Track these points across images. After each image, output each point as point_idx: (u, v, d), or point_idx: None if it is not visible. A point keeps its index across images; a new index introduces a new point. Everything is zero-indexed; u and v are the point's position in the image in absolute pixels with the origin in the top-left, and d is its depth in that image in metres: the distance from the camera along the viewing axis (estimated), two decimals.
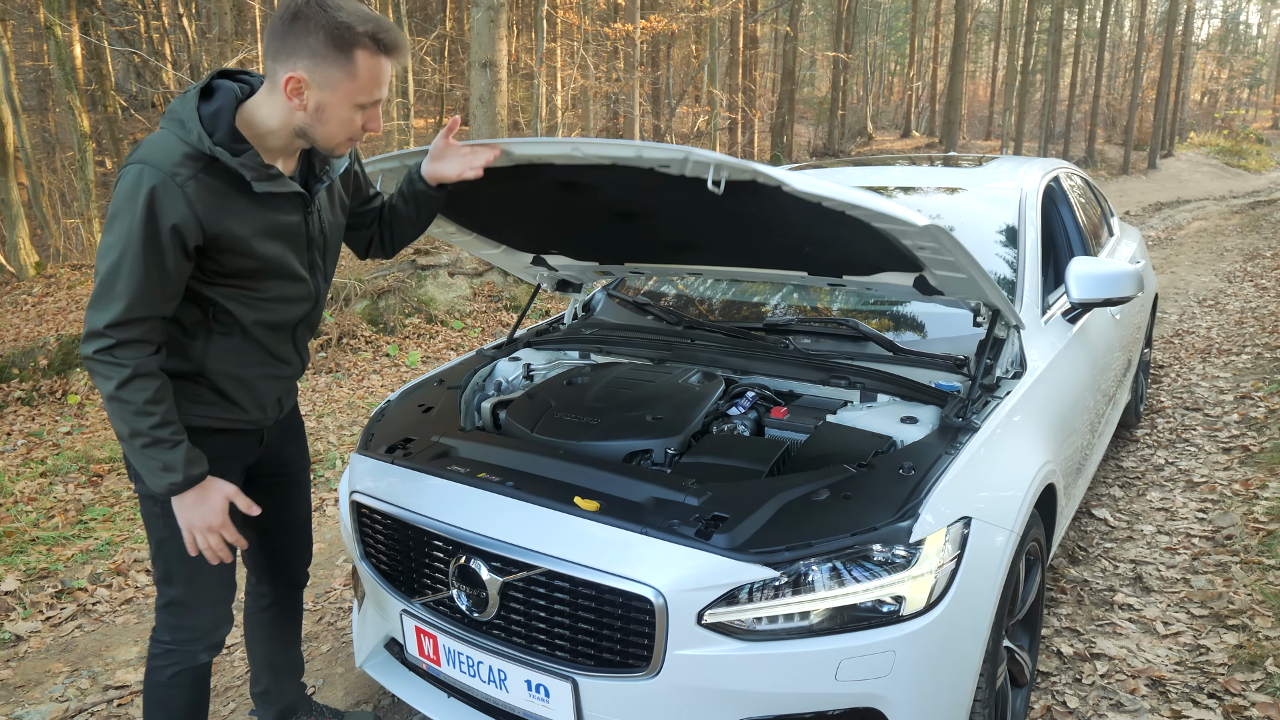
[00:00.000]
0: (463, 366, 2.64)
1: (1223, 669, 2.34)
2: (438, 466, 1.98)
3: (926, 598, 1.58)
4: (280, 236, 1.56)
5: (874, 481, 1.71)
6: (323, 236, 1.68)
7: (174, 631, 1.68)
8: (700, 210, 1.89)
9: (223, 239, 1.46)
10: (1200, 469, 3.70)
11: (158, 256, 1.39)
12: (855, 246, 1.92)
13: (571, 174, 1.86)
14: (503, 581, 1.73)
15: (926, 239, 1.71)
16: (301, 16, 1.39)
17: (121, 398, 1.42)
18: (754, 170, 1.51)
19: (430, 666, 1.93)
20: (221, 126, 1.44)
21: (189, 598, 1.66)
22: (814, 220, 1.76)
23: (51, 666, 2.69)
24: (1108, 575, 2.92)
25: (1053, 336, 2.47)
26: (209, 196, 1.42)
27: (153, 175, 1.37)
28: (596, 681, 1.64)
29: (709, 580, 1.56)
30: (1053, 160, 3.51)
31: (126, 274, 1.38)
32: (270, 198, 1.53)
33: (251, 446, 1.75)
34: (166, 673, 1.69)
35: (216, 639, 1.73)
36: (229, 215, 1.46)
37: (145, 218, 1.37)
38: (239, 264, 1.51)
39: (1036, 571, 2.12)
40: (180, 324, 1.54)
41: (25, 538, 3.58)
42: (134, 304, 1.40)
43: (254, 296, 1.57)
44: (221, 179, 1.44)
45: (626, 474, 1.81)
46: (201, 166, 1.42)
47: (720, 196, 1.61)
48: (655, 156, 1.61)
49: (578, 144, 1.65)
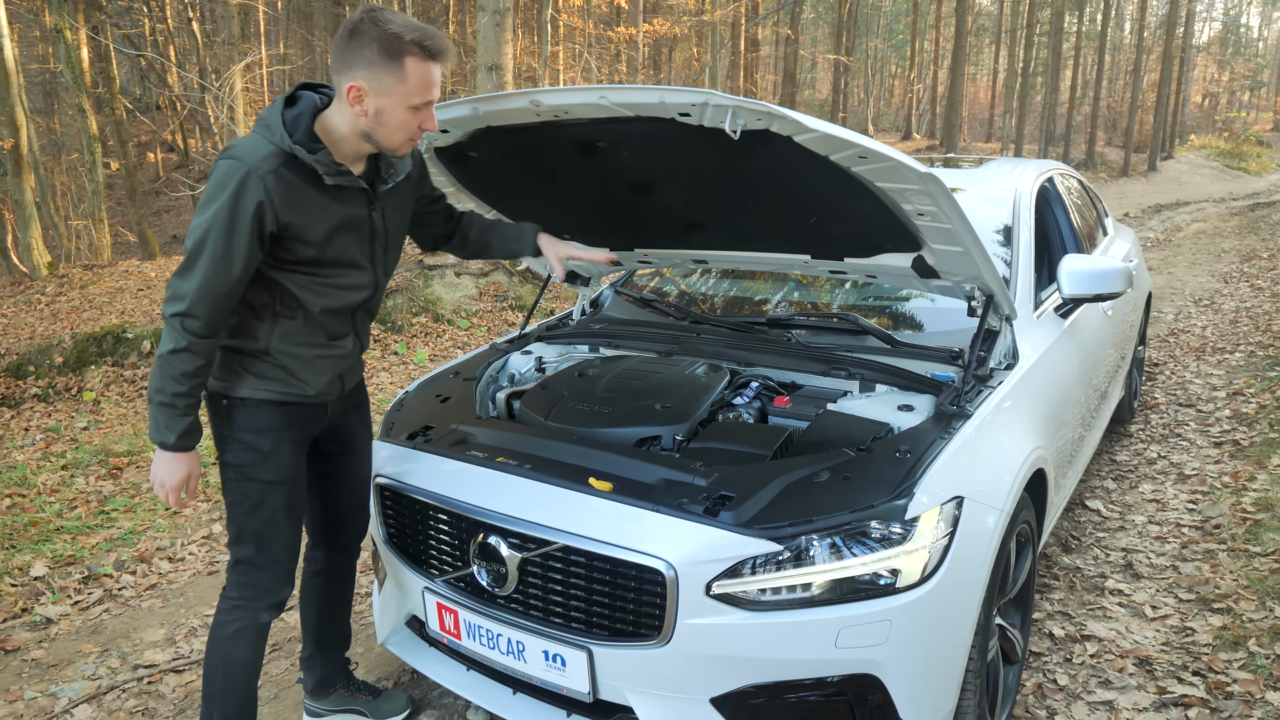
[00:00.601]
0: (477, 360, 2.75)
1: (1207, 649, 2.44)
2: (458, 451, 2.08)
3: (921, 571, 1.68)
4: (346, 228, 1.73)
5: (872, 464, 1.82)
6: (385, 232, 1.84)
7: (241, 589, 1.84)
8: (713, 174, 2.00)
9: (294, 227, 1.64)
10: (1192, 462, 3.80)
11: (236, 237, 1.59)
12: (858, 216, 2.02)
13: (593, 132, 1.95)
14: (521, 558, 1.83)
15: (925, 200, 1.81)
16: (357, 32, 1.58)
17: (168, 360, 1.63)
18: (768, 110, 1.61)
19: (451, 641, 2.03)
20: (301, 129, 1.64)
21: (256, 557, 1.82)
22: (820, 182, 1.87)
23: (82, 647, 2.79)
24: (1099, 563, 3.02)
25: (1045, 330, 2.58)
26: (286, 189, 1.61)
27: (240, 168, 1.57)
28: (611, 650, 1.75)
29: (717, 554, 1.66)
30: (1048, 162, 3.61)
31: (209, 249, 1.59)
32: (340, 192, 1.70)
33: (315, 419, 1.89)
34: (231, 628, 1.84)
35: (278, 599, 1.86)
36: (302, 206, 1.64)
37: (231, 203, 1.57)
38: (306, 252, 1.68)
39: (1028, 554, 2.22)
40: (251, 307, 1.72)
41: (50, 527, 3.68)
42: (208, 281, 1.60)
43: (318, 283, 1.74)
44: (298, 174, 1.64)
45: (637, 457, 1.92)
46: (282, 162, 1.61)
47: (733, 154, 1.71)
48: (677, 101, 1.71)
49: (605, 92, 1.76)
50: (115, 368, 6.33)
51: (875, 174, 1.78)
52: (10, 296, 8.44)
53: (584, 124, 1.93)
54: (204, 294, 1.60)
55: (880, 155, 1.69)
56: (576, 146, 2.06)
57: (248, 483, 1.78)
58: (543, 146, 2.10)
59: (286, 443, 1.80)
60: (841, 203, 1.96)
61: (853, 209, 1.97)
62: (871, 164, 1.74)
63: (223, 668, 1.85)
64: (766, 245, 2.39)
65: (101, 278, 8.68)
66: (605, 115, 1.85)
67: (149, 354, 6.42)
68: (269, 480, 1.79)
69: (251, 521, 1.80)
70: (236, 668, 1.85)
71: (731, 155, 1.86)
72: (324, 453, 2.01)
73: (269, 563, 1.83)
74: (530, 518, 1.82)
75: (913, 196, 1.84)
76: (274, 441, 1.78)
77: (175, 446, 1.69)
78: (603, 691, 1.80)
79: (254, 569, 1.83)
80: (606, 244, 2.67)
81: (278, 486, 1.80)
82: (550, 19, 12.36)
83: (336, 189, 1.69)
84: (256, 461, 1.77)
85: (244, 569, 1.84)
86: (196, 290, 1.60)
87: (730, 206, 2.20)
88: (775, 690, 1.69)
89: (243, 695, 1.87)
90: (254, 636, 1.86)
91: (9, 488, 4.11)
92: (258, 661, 1.89)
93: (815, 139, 1.68)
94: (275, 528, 1.81)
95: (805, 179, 1.89)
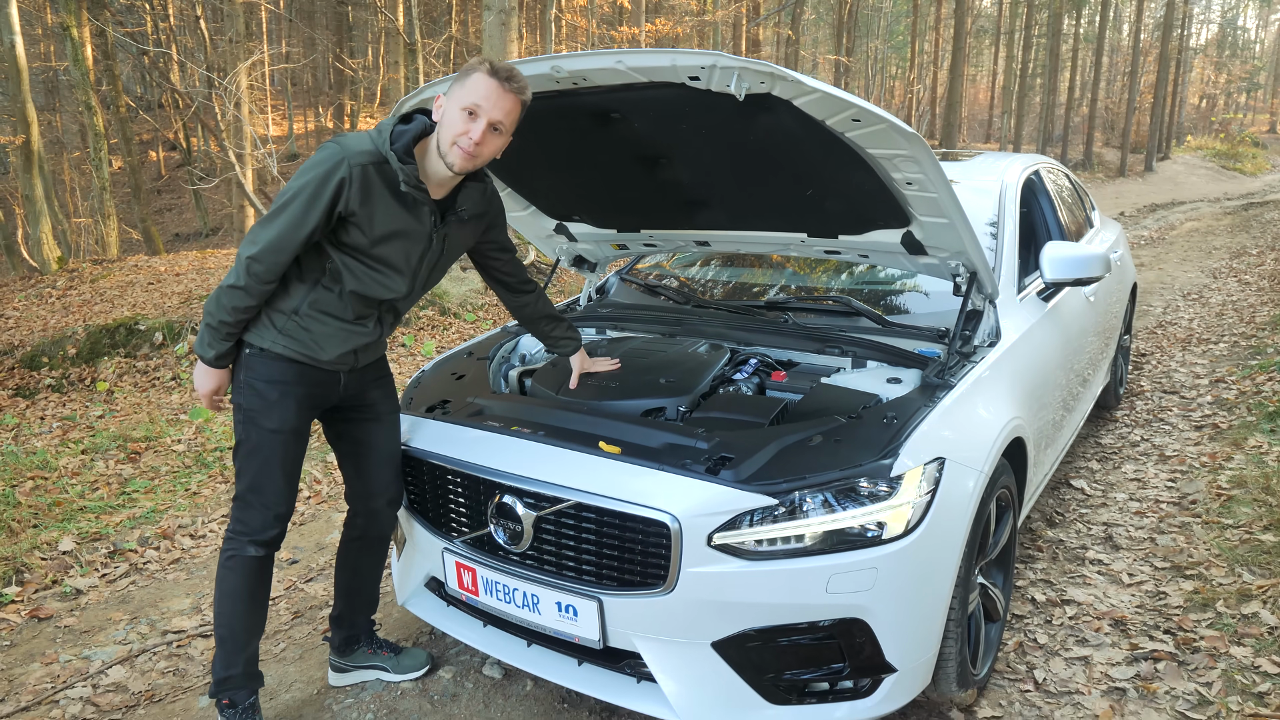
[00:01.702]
0: (489, 341, 2.90)
1: (1178, 610, 2.59)
2: (475, 421, 2.23)
3: (905, 525, 1.83)
4: (403, 236, 1.95)
5: (861, 429, 1.96)
6: (439, 252, 2.05)
7: (235, 523, 2.05)
8: (718, 145, 2.15)
9: (359, 216, 1.87)
10: (1173, 444, 3.95)
11: (315, 206, 1.83)
12: (851, 188, 2.17)
13: (608, 101, 2.10)
14: (536, 515, 1.98)
15: (913, 167, 1.96)
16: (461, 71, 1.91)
17: (227, 291, 1.90)
18: (771, 71, 1.76)
19: (469, 598, 2.18)
20: (402, 143, 1.88)
21: (248, 495, 2.02)
22: (817, 151, 2.02)
23: (112, 615, 2.94)
24: (1081, 536, 3.17)
25: (1026, 312, 2.72)
26: (367, 183, 1.85)
27: (340, 153, 1.83)
28: (619, 600, 1.89)
29: (717, 508, 1.81)
30: (1035, 156, 3.76)
31: (291, 209, 1.83)
32: (412, 204, 1.93)
33: (329, 388, 2.05)
34: (225, 554, 2.06)
35: (264, 538, 2.04)
36: (374, 203, 1.88)
37: (321, 178, 1.82)
38: (359, 240, 1.90)
39: (1008, 518, 2.37)
40: (300, 271, 1.93)
41: (74, 507, 3.83)
42: (275, 234, 1.83)
43: (361, 269, 1.94)
44: (382, 176, 1.87)
45: (643, 425, 2.06)
46: (373, 161, 1.85)
47: (737, 122, 1.87)
48: (688, 63, 1.85)
49: (621, 56, 1.91)
50: (128, 359, 6.47)
51: (868, 139, 1.92)
52: (21, 290, 8.57)
53: (600, 93, 2.07)
54: (274, 245, 1.84)
55: (874, 116, 1.83)
56: (592, 118, 2.20)
57: (250, 426, 1.98)
58: (561, 118, 2.24)
59: (291, 399, 1.99)
60: (836, 173, 2.11)
61: (847, 180, 2.12)
62: (865, 127, 1.88)
63: (219, 590, 2.07)
64: (765, 223, 2.53)
65: (111, 272, 8.81)
66: (620, 82, 1.99)
67: (160, 345, 6.56)
68: (268, 428, 1.97)
69: (249, 463, 2.01)
70: (226, 592, 2.05)
71: (736, 123, 2.00)
72: (351, 422, 2.18)
73: (260, 504, 2.02)
74: (544, 478, 1.97)
75: (901, 164, 1.98)
76: (280, 393, 1.97)
77: (211, 362, 1.97)
78: (612, 639, 1.94)
79: (246, 506, 2.03)
80: (615, 225, 2.83)
81: (276, 435, 1.98)
82: (554, 18, 12.50)
83: (411, 200, 1.92)
84: (262, 408, 1.97)
85: (239, 505, 2.04)
86: (270, 239, 1.83)
87: (733, 181, 2.35)
88: (772, 634, 1.83)
89: (236, 618, 2.06)
90: (242, 566, 2.04)
91: (31, 471, 4.25)
92: (247, 590, 2.06)
93: (815, 100, 1.81)
94: (268, 473, 2.00)
95: (803, 148, 2.03)
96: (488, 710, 2.28)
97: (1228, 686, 2.22)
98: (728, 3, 15.86)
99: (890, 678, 1.87)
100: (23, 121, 9.44)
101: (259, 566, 2.06)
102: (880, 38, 35.23)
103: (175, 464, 4.38)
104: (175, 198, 21.83)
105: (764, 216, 2.51)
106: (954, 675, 2.05)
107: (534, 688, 2.36)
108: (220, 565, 2.07)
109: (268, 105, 13.49)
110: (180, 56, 12.52)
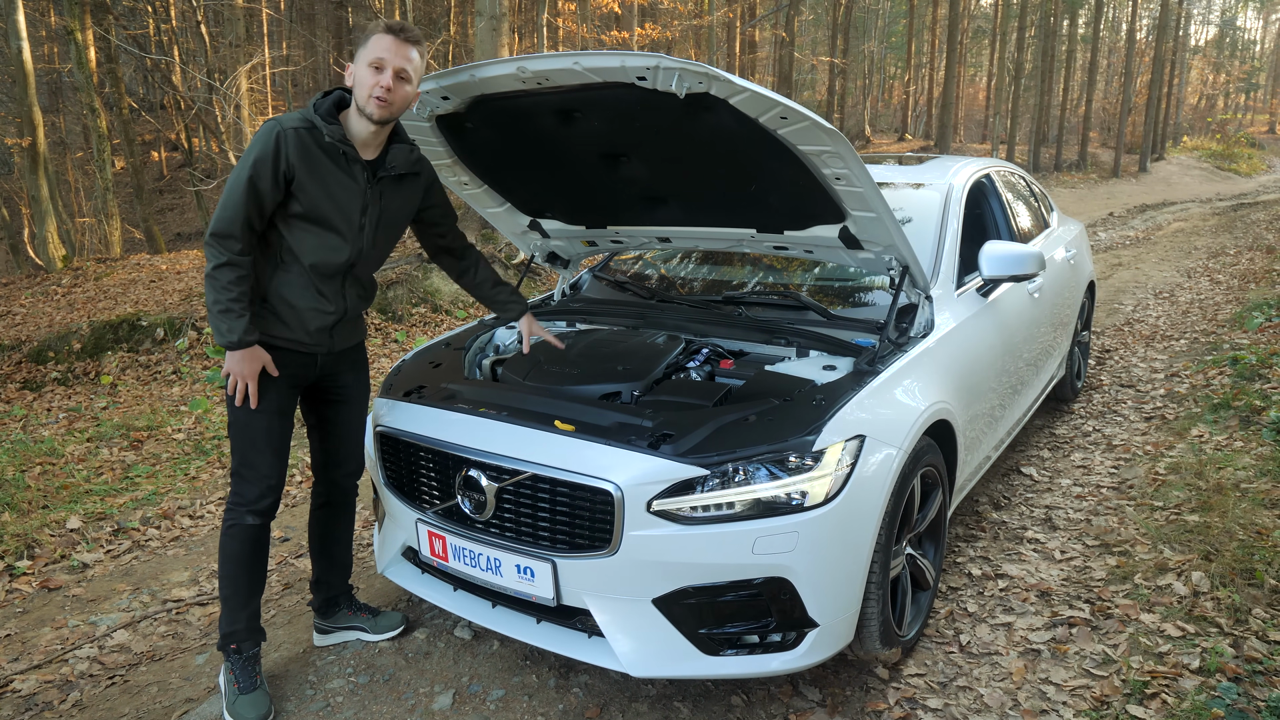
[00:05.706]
0: (466, 333, 3.11)
1: (1100, 582, 2.80)
2: (447, 404, 2.44)
3: (825, 494, 2.04)
4: (339, 192, 2.15)
5: (792, 409, 2.18)
6: (378, 210, 2.23)
7: (234, 495, 2.26)
8: (669, 142, 2.37)
9: (298, 172, 2.08)
10: (1121, 434, 4.16)
11: (260, 169, 2.05)
12: (789, 185, 2.37)
13: (570, 100, 2.30)
14: (498, 487, 2.19)
15: (839, 164, 2.17)
16: None
17: (214, 276, 2.06)
18: (707, 71, 1.98)
19: (440, 563, 2.39)
20: (324, 109, 2.13)
21: (241, 469, 2.24)
22: (754, 149, 2.23)
23: (116, 586, 3.16)
24: (1023, 518, 3.38)
25: (963, 306, 2.93)
26: (301, 144, 2.09)
27: (275, 124, 2.08)
28: (571, 561, 2.11)
29: (655, 477, 2.02)
30: (989, 159, 3.97)
31: (238, 178, 2.05)
32: (344, 162, 2.14)
33: (306, 368, 2.28)
34: (226, 524, 2.27)
35: (259, 507, 2.25)
36: (310, 162, 2.10)
37: (259, 145, 2.06)
38: (301, 207, 2.11)
39: (936, 495, 2.58)
40: (263, 254, 2.16)
41: (80, 489, 4.05)
42: (234, 207, 2.04)
43: (309, 238, 2.15)
44: (314, 138, 2.11)
45: (597, 406, 2.28)
46: (306, 127, 2.10)
47: (684, 121, 2.09)
48: (635, 64, 2.07)
49: (577, 57, 2.13)
50: (131, 353, 6.70)
51: (797, 136, 2.14)
52: (28, 288, 8.80)
53: (562, 92, 2.28)
54: (228, 206, 2.04)
55: (798, 114, 2.05)
56: (556, 115, 2.41)
57: (237, 406, 2.18)
58: (528, 116, 2.45)
59: (274, 383, 2.19)
60: (775, 170, 2.32)
61: (785, 176, 2.33)
62: (792, 124, 2.09)
63: (221, 555, 2.28)
64: (717, 219, 2.75)
65: (114, 270, 9.04)
66: (578, 82, 2.20)
67: (163, 341, 6.79)
68: (254, 409, 2.18)
69: (239, 439, 2.22)
70: (229, 557, 2.27)
71: (684, 122, 2.21)
72: (322, 401, 2.41)
73: (252, 476, 2.23)
74: (505, 453, 2.18)
75: (829, 160, 2.19)
76: (262, 376, 2.17)
77: (240, 344, 2.09)
78: (565, 597, 2.15)
79: (240, 480, 2.24)
80: (583, 221, 3.04)
81: (260, 415, 2.19)
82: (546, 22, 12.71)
83: (342, 157, 2.13)
84: None
85: (236, 479, 2.25)
86: (223, 205, 2.05)
87: (685, 178, 2.57)
88: (706, 592, 2.05)
89: (238, 580, 2.27)
90: (241, 534, 2.25)
91: (40, 457, 4.48)
92: (247, 554, 2.27)
93: (747, 98, 2.03)
94: (256, 449, 2.22)
95: (743, 145, 2.24)
96: (457, 666, 2.49)
97: (1132, 647, 2.43)
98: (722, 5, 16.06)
99: (813, 632, 2.08)
100: (29, 124, 9.67)
101: (257, 534, 2.28)
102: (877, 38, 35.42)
103: (175, 451, 4.61)
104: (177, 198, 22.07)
105: (715, 213, 2.72)
106: (876, 634, 2.26)
107: (500, 647, 2.57)
108: (222, 534, 2.28)
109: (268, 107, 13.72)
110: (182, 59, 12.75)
